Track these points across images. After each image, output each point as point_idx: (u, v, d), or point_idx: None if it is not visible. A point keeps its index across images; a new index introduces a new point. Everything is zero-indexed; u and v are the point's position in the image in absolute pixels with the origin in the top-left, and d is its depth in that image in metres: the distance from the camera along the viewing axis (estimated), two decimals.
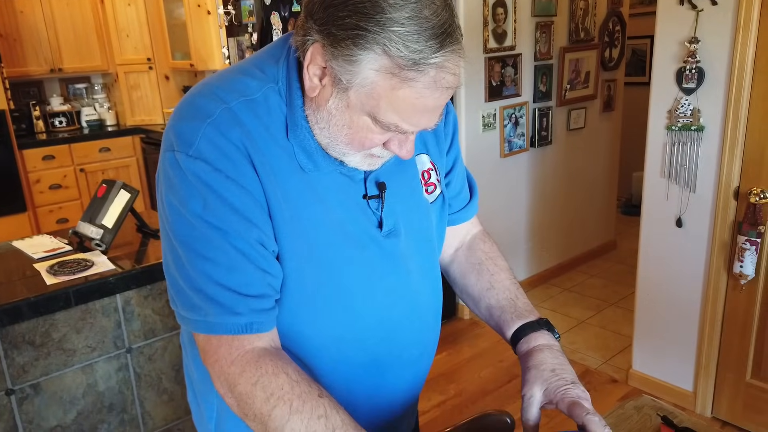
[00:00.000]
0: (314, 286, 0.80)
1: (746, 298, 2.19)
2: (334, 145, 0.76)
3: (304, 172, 0.78)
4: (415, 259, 0.90)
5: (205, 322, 0.75)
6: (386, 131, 0.73)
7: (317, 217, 0.79)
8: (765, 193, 2.06)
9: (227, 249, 0.73)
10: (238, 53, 3.20)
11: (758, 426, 2.25)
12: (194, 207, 0.73)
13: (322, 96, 0.73)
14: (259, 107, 0.75)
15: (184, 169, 0.73)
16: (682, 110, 2.21)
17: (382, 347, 0.88)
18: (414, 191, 0.90)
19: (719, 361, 2.32)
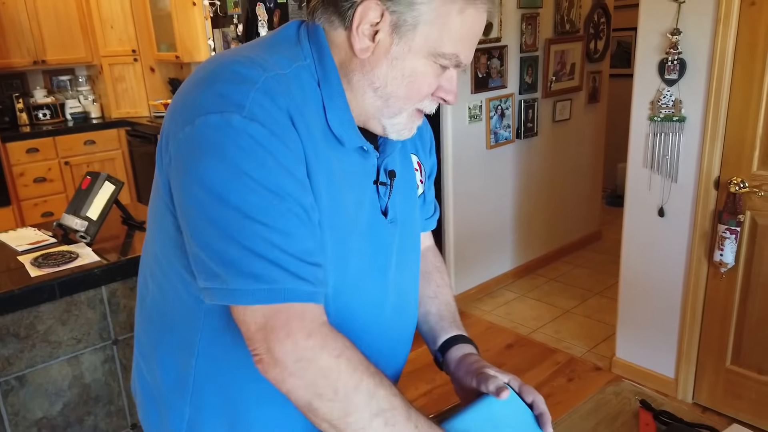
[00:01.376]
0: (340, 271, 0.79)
1: (726, 285, 2.23)
2: (391, 104, 0.77)
3: (334, 145, 0.77)
4: (407, 251, 0.93)
5: (273, 290, 0.66)
6: (443, 70, 0.76)
7: (343, 193, 0.78)
8: (745, 183, 2.09)
9: (286, 214, 0.68)
10: (223, 45, 3.18)
11: (737, 411, 2.29)
12: (250, 169, 0.67)
13: (377, 52, 0.74)
14: (291, 83, 0.73)
15: (237, 129, 0.67)
16: (664, 101, 2.24)
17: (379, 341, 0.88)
18: (411, 186, 0.93)
19: (700, 348, 2.36)
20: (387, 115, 0.78)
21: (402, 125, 0.80)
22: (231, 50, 0.79)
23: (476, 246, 3.35)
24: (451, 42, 0.74)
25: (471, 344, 0.99)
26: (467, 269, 3.31)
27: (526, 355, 2.84)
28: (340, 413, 0.66)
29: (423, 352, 1.05)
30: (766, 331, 2.17)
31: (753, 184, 2.08)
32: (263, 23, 2.73)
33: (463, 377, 0.91)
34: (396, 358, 0.96)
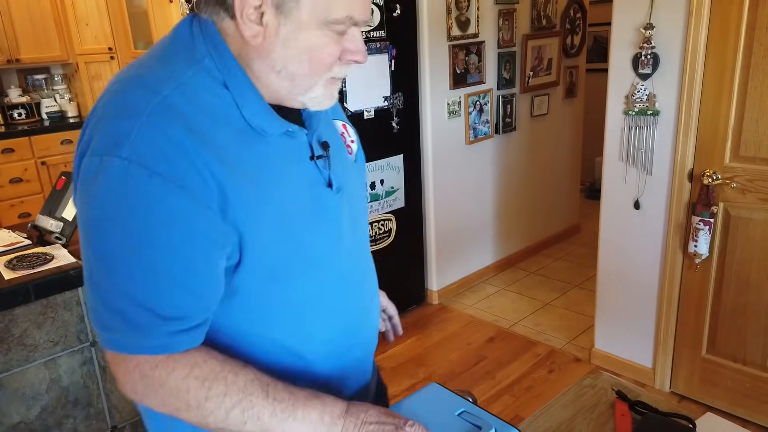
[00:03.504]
0: (284, 255, 0.79)
1: (701, 276, 2.28)
2: (299, 82, 0.76)
3: (258, 141, 0.76)
4: (355, 217, 0.93)
5: (117, 341, 0.72)
6: (339, 37, 0.75)
7: (280, 189, 0.78)
8: (717, 175, 2.13)
9: (146, 264, 0.68)
10: None
11: (713, 398, 2.34)
12: (118, 217, 0.67)
13: (268, 36, 0.73)
14: (192, 89, 0.72)
15: (114, 175, 0.66)
16: (638, 95, 2.27)
17: (352, 307, 0.92)
18: (342, 150, 0.93)
19: (676, 338, 2.41)
20: (299, 92, 0.78)
21: (320, 97, 0.80)
22: (130, 67, 0.78)
23: (457, 241, 3.37)
24: (340, 5, 0.72)
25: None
26: (448, 264, 3.33)
27: (508, 348, 2.87)
28: (199, 418, 0.74)
29: (404, 347, 1.06)
30: (739, 320, 2.21)
31: (725, 176, 2.12)
32: None
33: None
34: (371, 314, 0.99)
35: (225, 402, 0.72)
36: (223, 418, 0.73)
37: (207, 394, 0.72)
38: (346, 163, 0.93)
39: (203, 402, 0.72)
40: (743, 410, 2.26)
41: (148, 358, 0.72)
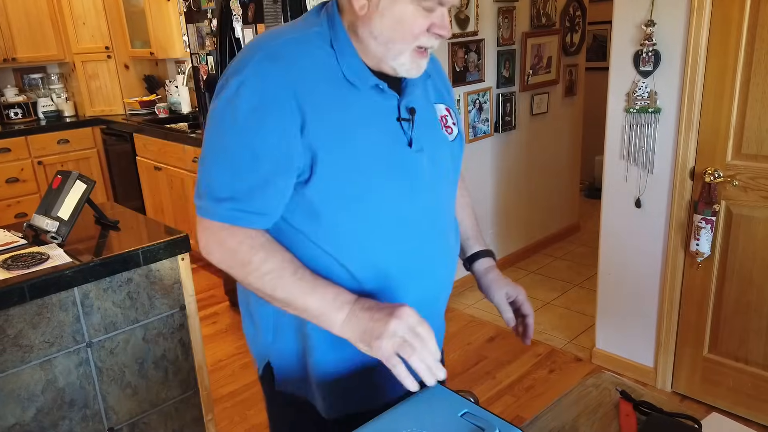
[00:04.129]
0: (356, 193, 0.95)
1: (702, 275, 2.26)
2: (391, 47, 0.92)
3: (350, 91, 0.94)
4: (436, 181, 1.05)
5: (199, 207, 0.96)
6: (428, 12, 0.90)
7: (360, 131, 0.94)
8: (719, 173, 2.12)
9: (228, 159, 0.92)
10: (198, 40, 3.13)
11: (715, 398, 2.33)
12: (222, 117, 0.92)
13: (371, 7, 0.90)
14: (305, 43, 0.94)
15: (229, 89, 0.91)
16: (639, 93, 2.26)
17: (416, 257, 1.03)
18: (434, 124, 1.07)
19: (678, 337, 2.39)
20: (391, 57, 0.94)
21: (408, 64, 0.95)
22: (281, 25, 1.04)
23: None
24: None
25: (489, 256, 1.25)
26: None
27: (508, 348, 2.86)
28: (242, 276, 0.96)
29: None
30: (742, 319, 2.20)
31: (727, 174, 2.11)
32: (238, 18, 2.69)
33: (485, 290, 1.23)
34: (437, 272, 1.09)
35: (262, 268, 0.93)
36: (260, 279, 0.94)
37: (251, 258, 0.93)
38: (437, 135, 1.07)
39: (247, 264, 0.94)
40: (745, 410, 2.25)
41: (215, 223, 0.94)
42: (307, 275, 0.94)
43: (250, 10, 2.62)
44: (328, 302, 0.92)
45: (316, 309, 0.93)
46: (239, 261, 0.94)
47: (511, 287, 1.20)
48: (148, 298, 1.74)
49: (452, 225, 1.13)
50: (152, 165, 4.13)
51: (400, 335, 0.86)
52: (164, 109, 4.50)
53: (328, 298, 0.92)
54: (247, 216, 0.93)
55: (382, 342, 0.86)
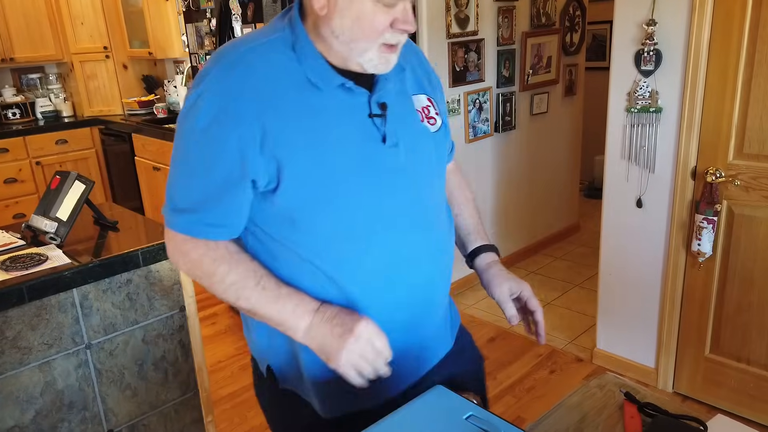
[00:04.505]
0: (328, 195, 0.94)
1: (704, 275, 2.25)
2: (354, 46, 0.90)
3: (314, 93, 0.93)
4: (417, 174, 1.03)
5: (165, 219, 0.99)
6: (388, 9, 0.88)
7: (328, 134, 0.93)
8: (721, 173, 2.11)
9: (189, 169, 0.94)
10: (197, 40, 3.12)
11: (717, 399, 2.32)
12: (182, 130, 0.93)
13: (330, 7, 0.88)
14: (265, 50, 0.93)
15: (189, 101, 0.92)
16: (640, 92, 2.25)
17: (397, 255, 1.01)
18: (411, 116, 1.04)
19: (679, 338, 2.39)
20: (356, 55, 0.91)
21: (375, 61, 0.92)
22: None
23: None
24: None
25: (492, 251, 1.21)
26: None
27: (508, 348, 2.85)
28: (207, 285, 0.99)
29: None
30: (743, 320, 2.19)
31: (729, 174, 2.10)
32: (237, 17, 2.68)
33: (486, 287, 1.18)
34: (422, 267, 1.05)
35: (226, 280, 0.96)
36: (223, 291, 0.97)
37: (215, 270, 0.96)
38: (415, 127, 1.04)
39: (211, 275, 0.96)
40: (748, 411, 2.24)
41: (178, 234, 0.97)
42: (270, 285, 0.96)
43: (249, 10, 2.61)
44: (289, 312, 0.95)
45: (278, 318, 0.96)
46: (204, 272, 0.97)
47: (515, 282, 1.14)
48: (148, 300, 1.73)
49: (440, 216, 1.10)
50: (151, 165, 4.12)
51: (357, 352, 0.91)
52: (163, 109, 4.49)
53: (288, 308, 0.95)
54: (206, 228, 0.95)
55: (340, 359, 0.92)
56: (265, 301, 0.95)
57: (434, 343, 1.16)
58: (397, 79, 1.02)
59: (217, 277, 0.96)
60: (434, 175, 1.09)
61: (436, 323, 1.15)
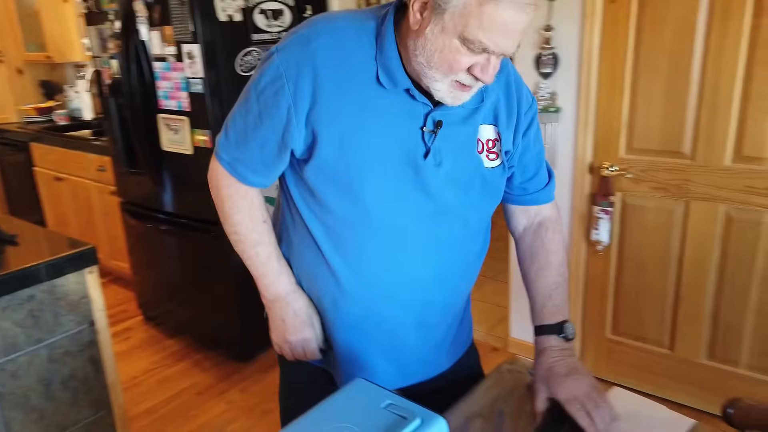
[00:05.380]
0: (347, 188, 0.98)
1: (603, 262, 2.43)
2: (427, 70, 0.90)
3: (377, 90, 0.94)
4: (450, 201, 1.02)
5: (217, 149, 1.06)
6: (472, 53, 0.86)
7: (376, 126, 0.95)
8: (614, 167, 2.28)
9: (248, 126, 1.00)
10: (99, 43, 2.98)
11: (619, 376, 2.50)
12: (251, 87, 0.99)
13: (422, 26, 0.88)
14: (347, 35, 0.95)
15: (268, 61, 0.97)
16: (541, 93, 2.39)
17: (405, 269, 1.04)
18: (468, 143, 1.02)
19: (584, 322, 2.55)
20: (428, 79, 0.91)
21: (443, 92, 0.92)
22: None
23: None
24: (475, 29, 0.83)
25: (555, 333, 1.11)
26: None
27: None
28: (222, 220, 1.11)
29: None
30: (638, 301, 2.38)
31: (622, 168, 2.28)
32: (143, 20, 2.60)
33: (546, 388, 1.06)
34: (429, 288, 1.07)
35: (234, 227, 1.09)
36: (228, 233, 1.10)
37: (231, 214, 1.08)
38: (468, 156, 1.02)
39: (226, 217, 1.09)
40: (647, 385, 2.43)
41: (220, 167, 1.06)
42: (263, 253, 1.09)
43: (155, 12, 2.54)
44: (266, 282, 1.11)
45: (257, 278, 1.12)
46: (222, 210, 1.09)
47: (574, 384, 1.00)
48: (53, 316, 1.64)
49: (463, 252, 1.10)
50: (52, 175, 3.88)
51: (288, 346, 1.14)
52: (64, 116, 4.24)
53: (266, 279, 1.10)
54: (244, 171, 1.04)
55: (274, 338, 1.15)
56: (252, 263, 1.10)
57: (416, 365, 1.17)
58: (471, 105, 0.99)
59: (229, 221, 1.09)
60: (473, 209, 1.07)
61: (425, 345, 1.15)
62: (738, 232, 2.10)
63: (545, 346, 1.10)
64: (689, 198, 2.17)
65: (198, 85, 2.47)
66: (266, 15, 2.60)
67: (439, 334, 1.15)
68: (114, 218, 3.42)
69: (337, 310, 1.09)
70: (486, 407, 1.10)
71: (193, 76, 2.47)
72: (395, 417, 0.86)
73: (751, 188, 2.04)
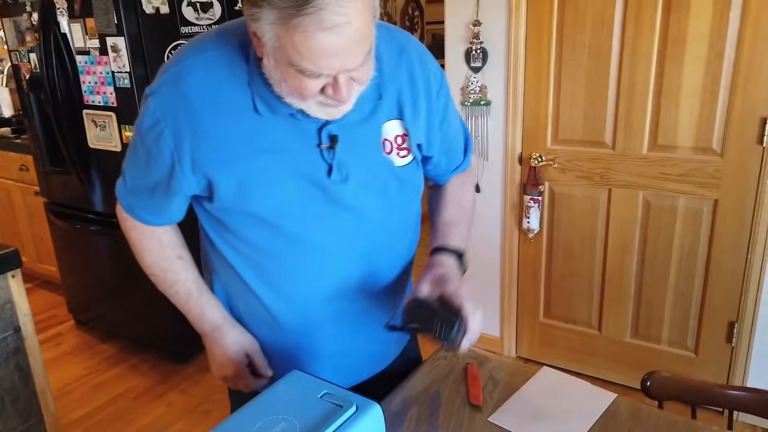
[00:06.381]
0: (258, 220, 0.94)
1: (534, 249, 2.53)
2: (285, 97, 0.84)
3: (260, 117, 0.88)
4: (366, 209, 0.99)
5: (118, 191, 1.04)
6: (313, 78, 0.78)
7: (269, 159, 0.90)
8: (542, 157, 2.38)
9: (137, 167, 0.98)
10: (16, 36, 2.83)
11: (552, 358, 2.62)
12: (136, 132, 0.95)
13: (262, 56, 0.82)
14: (218, 61, 0.88)
15: (150, 87, 0.92)
16: (472, 87, 2.46)
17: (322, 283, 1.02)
18: (371, 149, 0.97)
19: (518, 307, 2.65)
20: (294, 103, 0.85)
21: (314, 112, 0.86)
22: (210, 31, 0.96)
23: None
24: (298, 59, 0.76)
25: (447, 253, 1.07)
26: None
27: None
28: (139, 260, 1.08)
29: None
30: (568, 285, 2.50)
31: (549, 158, 2.38)
32: (63, 11, 2.48)
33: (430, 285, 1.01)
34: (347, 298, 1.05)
35: (148, 269, 1.07)
36: (148, 274, 1.08)
37: (143, 257, 1.07)
38: (375, 160, 0.97)
39: (140, 260, 1.07)
40: (577, 365, 2.56)
41: (123, 211, 1.04)
42: (182, 291, 1.07)
43: (76, 3, 2.43)
44: (193, 318, 1.09)
45: (185, 314, 1.11)
46: (136, 253, 1.07)
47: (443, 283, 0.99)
48: None
49: (391, 256, 1.09)
50: None
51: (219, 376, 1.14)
52: None
53: (192, 315, 1.09)
54: (142, 214, 1.02)
55: (213, 370, 1.14)
56: (176, 300, 1.09)
57: (365, 366, 1.17)
58: (367, 106, 0.93)
59: (143, 263, 1.07)
60: (394, 210, 1.04)
61: (369, 346, 1.15)
62: (655, 216, 2.24)
63: (442, 262, 1.04)
64: (611, 185, 2.29)
65: (125, 80, 2.39)
66: (195, 7, 2.55)
67: (381, 332, 1.12)
68: (39, 220, 3.26)
69: (275, 335, 1.08)
70: (422, 392, 1.14)
71: (119, 71, 2.39)
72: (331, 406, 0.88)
73: (666, 175, 2.17)
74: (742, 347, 2.18)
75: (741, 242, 2.10)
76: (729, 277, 2.15)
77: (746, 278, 2.11)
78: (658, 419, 1.02)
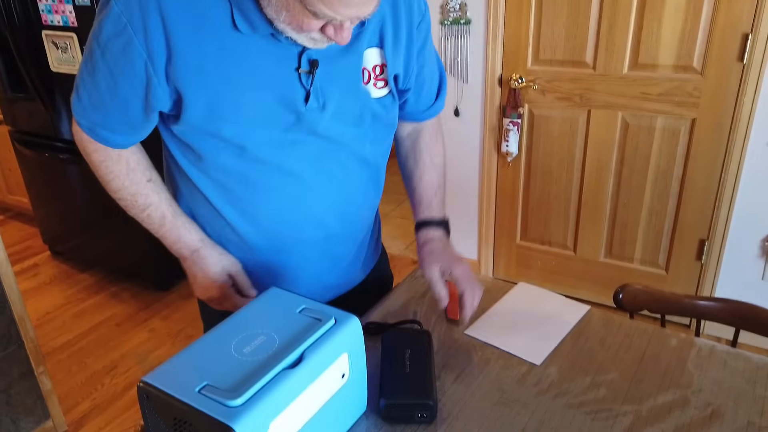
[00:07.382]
0: (227, 142, 0.91)
1: (512, 172, 2.53)
2: (278, 23, 0.81)
3: (238, 34, 0.84)
4: (341, 138, 0.98)
5: (75, 110, 0.94)
6: (320, 19, 0.77)
7: (244, 79, 0.86)
8: (522, 78, 2.34)
9: (95, 79, 0.89)
10: None
11: (529, 279, 2.68)
12: (95, 34, 0.86)
13: None
14: None
15: (102, 6, 0.84)
16: (452, 4, 2.37)
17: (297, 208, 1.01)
18: (350, 79, 0.95)
19: (495, 230, 2.69)
20: (282, 30, 0.82)
21: (301, 41, 0.84)
22: None
23: None
24: (314, 1, 0.75)
25: (437, 227, 1.13)
26: None
27: None
28: (103, 183, 1.01)
29: None
30: (544, 208, 2.52)
31: (529, 79, 2.34)
32: None
33: (420, 264, 1.10)
34: (323, 224, 1.04)
35: (116, 194, 1.00)
36: (116, 199, 1.01)
37: (109, 181, 0.99)
38: (352, 89, 0.95)
39: (105, 184, 1.00)
40: (551, 285, 2.63)
41: (83, 132, 0.95)
42: (156, 215, 1.02)
43: None
44: (169, 243, 1.04)
45: (161, 240, 1.05)
46: (101, 177, 1.00)
47: (446, 261, 1.05)
48: None
49: (362, 179, 1.07)
50: None
51: (203, 297, 1.08)
52: None
53: (168, 240, 1.04)
54: (106, 134, 0.95)
55: (198, 296, 1.09)
56: (148, 226, 1.03)
57: (331, 287, 1.16)
58: (353, 33, 0.90)
59: (109, 188, 1.00)
60: (368, 142, 1.02)
61: (336, 271, 1.14)
62: (633, 136, 2.24)
63: (433, 237, 1.12)
64: (591, 106, 2.27)
65: None
66: None
67: (348, 259, 1.15)
68: (5, 150, 3.16)
69: (243, 256, 1.07)
70: (400, 309, 1.16)
71: None
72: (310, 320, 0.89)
73: (646, 94, 2.16)
74: (711, 264, 2.25)
75: (716, 161, 2.12)
76: (702, 195, 2.19)
77: (719, 196, 2.15)
78: (629, 328, 1.06)
